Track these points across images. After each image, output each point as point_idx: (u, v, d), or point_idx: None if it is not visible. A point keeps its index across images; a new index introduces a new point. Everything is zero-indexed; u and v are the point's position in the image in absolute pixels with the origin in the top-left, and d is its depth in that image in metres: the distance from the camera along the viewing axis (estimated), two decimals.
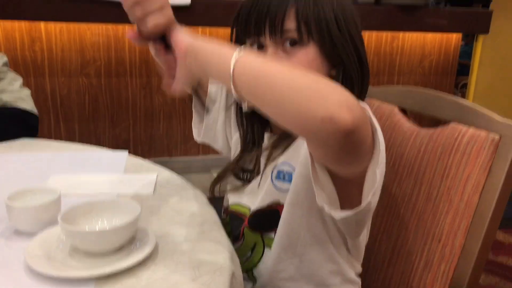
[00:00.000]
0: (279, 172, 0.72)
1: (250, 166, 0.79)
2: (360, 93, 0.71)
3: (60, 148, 1.01)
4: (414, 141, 0.79)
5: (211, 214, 0.71)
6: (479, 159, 0.67)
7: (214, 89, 0.85)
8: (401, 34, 2.92)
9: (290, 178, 0.71)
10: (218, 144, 0.91)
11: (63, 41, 2.44)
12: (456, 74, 3.12)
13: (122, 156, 0.95)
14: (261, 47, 0.70)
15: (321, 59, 0.69)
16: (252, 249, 0.76)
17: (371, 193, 0.56)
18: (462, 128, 0.71)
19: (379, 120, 0.86)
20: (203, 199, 0.76)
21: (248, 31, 0.70)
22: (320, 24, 0.67)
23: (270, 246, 0.74)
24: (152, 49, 0.65)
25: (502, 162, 0.65)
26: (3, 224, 0.64)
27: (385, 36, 2.89)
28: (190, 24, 2.37)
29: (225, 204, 0.83)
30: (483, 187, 0.67)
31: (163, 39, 0.61)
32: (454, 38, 3.02)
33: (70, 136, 2.59)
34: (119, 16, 2.23)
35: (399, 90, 0.88)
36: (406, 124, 0.83)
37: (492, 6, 2.85)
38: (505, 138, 0.65)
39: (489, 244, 0.66)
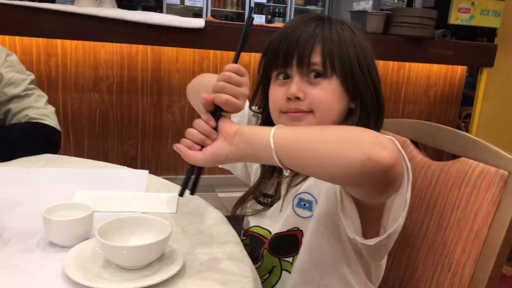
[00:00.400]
0: (300, 200, 0.76)
1: (271, 192, 0.83)
2: (375, 125, 0.76)
3: (82, 165, 1.05)
4: (426, 173, 0.83)
5: (233, 234, 0.74)
6: (489, 193, 0.71)
7: (236, 120, 0.90)
8: (407, 64, 2.99)
9: (310, 206, 0.75)
10: (236, 171, 0.95)
11: (78, 57, 2.51)
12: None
13: (143, 175, 0.99)
14: (287, 78, 0.76)
15: (342, 91, 0.75)
16: (270, 271, 0.80)
17: (402, 216, 0.61)
18: (473, 162, 0.75)
19: None
20: (224, 219, 0.80)
21: (276, 63, 0.76)
22: (343, 61, 0.73)
23: (287, 270, 0.78)
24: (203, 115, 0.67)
25: (511, 196, 0.69)
26: (37, 237, 0.67)
27: (392, 65, 2.95)
28: (203, 47, 2.44)
29: (245, 226, 0.87)
30: (493, 220, 0.70)
31: (216, 115, 0.65)
32: (459, 70, 3.08)
33: (79, 150, 2.64)
34: (132, 36, 2.31)
35: (411, 123, 0.92)
36: (418, 156, 0.87)
37: (496, 40, 2.92)
38: None
39: (498, 274, 0.70)
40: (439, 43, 2.73)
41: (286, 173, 0.59)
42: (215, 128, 0.63)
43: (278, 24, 3.35)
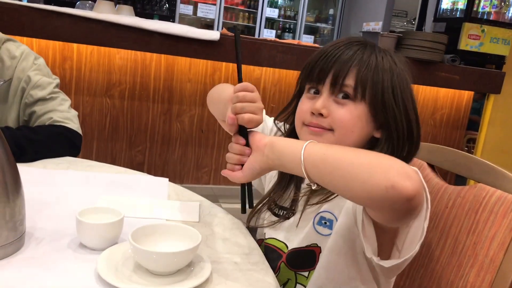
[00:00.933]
0: (321, 218, 0.79)
1: (287, 205, 0.85)
2: (404, 158, 0.76)
3: (104, 169, 1.08)
4: (442, 196, 0.86)
5: (254, 245, 0.76)
6: (505, 220, 0.73)
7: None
8: (415, 86, 3.02)
9: (331, 224, 0.77)
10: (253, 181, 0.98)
11: (93, 62, 2.55)
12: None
13: (163, 182, 1.01)
14: (317, 93, 0.79)
15: (368, 118, 0.76)
16: (284, 284, 0.81)
17: (418, 244, 0.63)
18: (490, 189, 0.78)
19: None
20: (244, 230, 0.82)
21: (311, 77, 0.79)
22: (376, 89, 0.75)
23: (302, 284, 0.80)
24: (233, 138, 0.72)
25: None
26: (68, 238, 0.70)
27: None
28: (216, 58, 2.49)
29: (259, 237, 0.88)
30: (508, 246, 0.72)
31: (244, 134, 0.70)
32: (466, 95, 3.12)
33: (87, 153, 2.66)
34: (148, 44, 2.35)
35: (429, 146, 0.95)
36: (434, 179, 0.89)
37: (504, 68, 2.97)
38: None
39: None
40: (448, 67, 2.78)
41: (313, 187, 0.62)
42: (247, 145, 0.68)
43: (289, 40, 3.40)
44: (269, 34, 5.52)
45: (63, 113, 1.19)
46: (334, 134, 0.76)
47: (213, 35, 2.38)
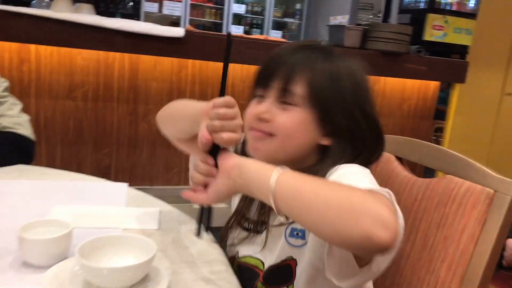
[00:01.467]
0: (292, 230, 0.74)
1: (254, 217, 0.80)
2: (364, 164, 0.73)
3: (58, 177, 1.01)
4: (411, 190, 0.84)
5: (219, 252, 0.72)
6: (474, 211, 0.72)
7: None
8: (382, 78, 3.04)
9: (303, 234, 0.73)
10: None
11: (53, 63, 2.45)
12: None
13: (122, 188, 0.96)
14: (261, 97, 0.74)
15: (312, 125, 0.72)
16: None
17: (385, 265, 0.61)
18: (458, 180, 0.76)
19: (376, 166, 0.91)
20: (208, 236, 0.77)
21: (259, 81, 0.75)
22: (332, 97, 0.71)
23: None
24: (195, 156, 0.68)
25: (496, 215, 0.70)
26: (11, 256, 0.63)
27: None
28: (182, 56, 2.41)
29: (230, 254, 0.82)
30: (478, 238, 0.71)
31: (215, 154, 0.64)
32: (433, 85, 3.16)
33: (51, 159, 2.55)
34: (111, 43, 2.27)
35: (396, 139, 0.93)
36: (402, 173, 0.87)
37: (468, 57, 3.02)
38: (499, 193, 0.70)
39: None
40: (414, 58, 2.80)
41: (281, 218, 0.58)
42: (216, 165, 0.63)
43: (257, 35, 3.36)
44: (236, 30, 5.46)
45: (13, 118, 1.11)
46: (277, 139, 0.71)
47: (177, 32, 2.32)
